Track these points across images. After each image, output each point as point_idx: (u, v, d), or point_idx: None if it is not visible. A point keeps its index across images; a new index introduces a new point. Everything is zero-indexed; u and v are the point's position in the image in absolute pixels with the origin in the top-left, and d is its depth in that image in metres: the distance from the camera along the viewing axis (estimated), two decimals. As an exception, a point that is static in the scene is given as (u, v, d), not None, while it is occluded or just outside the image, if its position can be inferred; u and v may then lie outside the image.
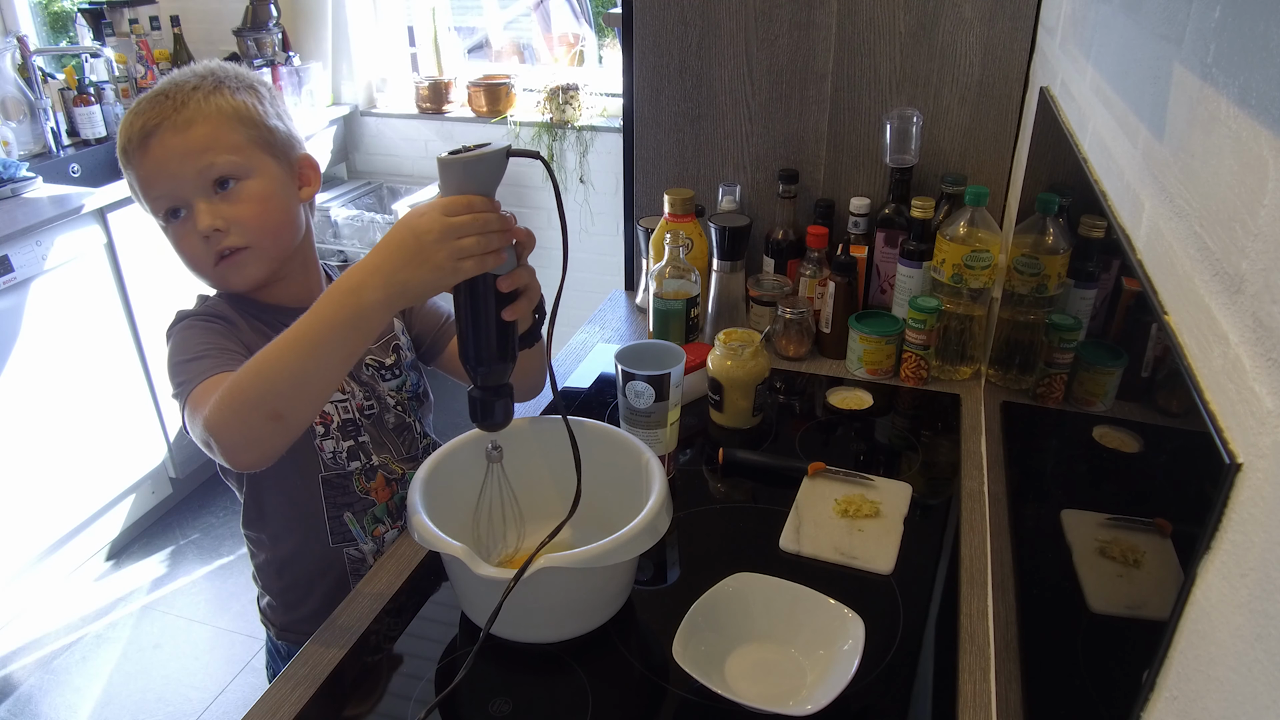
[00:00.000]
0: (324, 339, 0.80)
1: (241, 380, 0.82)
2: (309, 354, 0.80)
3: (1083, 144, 0.88)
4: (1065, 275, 0.90)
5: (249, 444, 0.84)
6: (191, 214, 0.97)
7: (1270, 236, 0.38)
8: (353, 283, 0.79)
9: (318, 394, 0.84)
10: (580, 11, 3.26)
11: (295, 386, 0.81)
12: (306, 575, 1.11)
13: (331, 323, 0.79)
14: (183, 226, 0.97)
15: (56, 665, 2.23)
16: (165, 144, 0.95)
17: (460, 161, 0.75)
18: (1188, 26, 0.55)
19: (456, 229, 0.75)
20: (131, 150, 0.96)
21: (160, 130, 0.94)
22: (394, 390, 1.13)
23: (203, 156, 0.96)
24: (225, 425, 0.83)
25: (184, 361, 0.94)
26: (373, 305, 0.78)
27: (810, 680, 0.88)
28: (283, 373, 0.81)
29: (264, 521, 1.10)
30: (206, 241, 0.97)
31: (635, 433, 1.14)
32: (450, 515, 0.93)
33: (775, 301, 1.51)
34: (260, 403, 0.81)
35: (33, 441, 2.26)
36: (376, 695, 0.90)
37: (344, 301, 0.79)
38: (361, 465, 1.09)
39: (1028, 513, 0.94)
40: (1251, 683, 0.36)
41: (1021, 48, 1.43)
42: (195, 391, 0.90)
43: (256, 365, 0.82)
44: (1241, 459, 0.39)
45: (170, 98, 0.96)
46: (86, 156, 2.76)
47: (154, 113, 0.95)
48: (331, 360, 0.81)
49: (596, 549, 0.84)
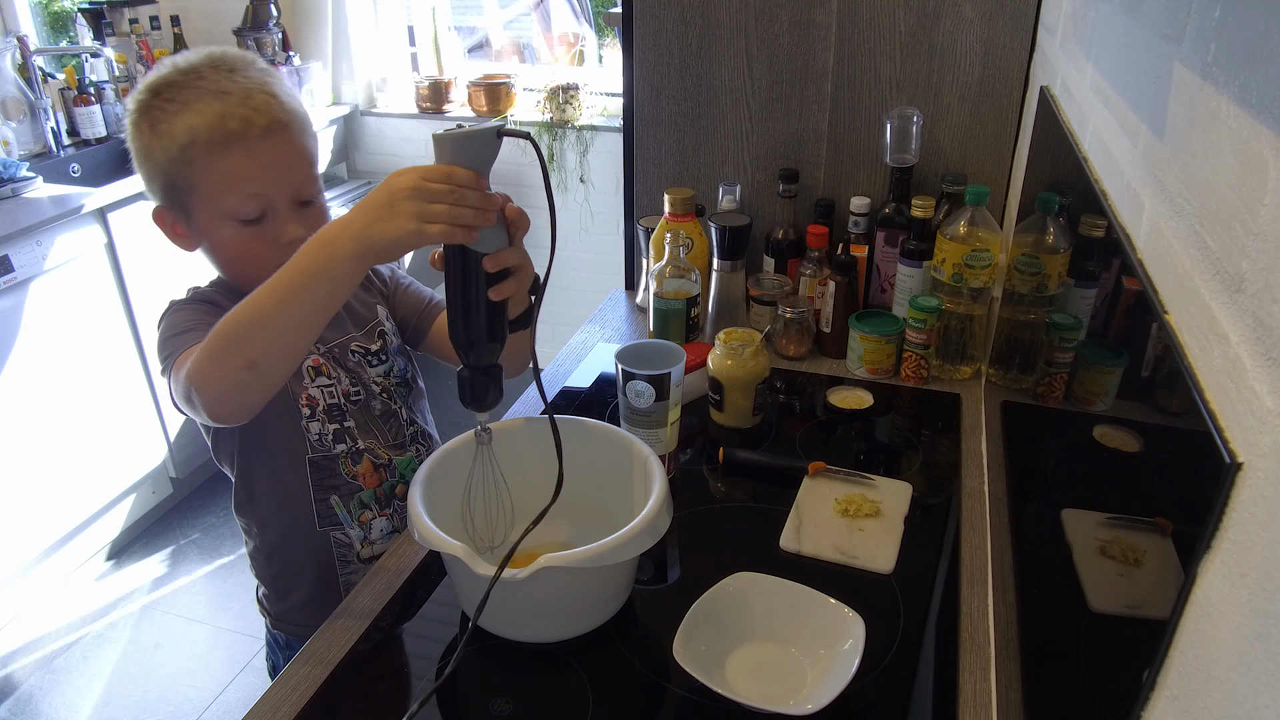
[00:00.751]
0: (298, 287, 0.82)
1: (220, 329, 0.85)
2: (283, 301, 0.82)
3: (1083, 143, 0.88)
4: (1065, 274, 0.90)
5: (226, 393, 0.86)
6: (276, 221, 0.99)
7: (1270, 235, 0.38)
8: (327, 235, 0.81)
9: (293, 344, 0.86)
10: (580, 11, 3.26)
11: (270, 335, 0.83)
12: (295, 561, 1.12)
13: (306, 271, 0.81)
14: (257, 229, 0.99)
15: (57, 665, 2.23)
16: (275, 143, 0.97)
17: (450, 137, 0.77)
18: (1188, 25, 0.55)
19: (430, 191, 0.76)
20: (225, 138, 0.95)
21: (270, 129, 0.96)
22: (381, 376, 1.14)
23: (303, 165, 1.00)
24: (205, 374, 0.85)
25: (171, 337, 0.98)
26: (344, 256, 0.80)
27: (811, 680, 0.88)
28: (258, 320, 0.83)
29: (253, 505, 1.12)
30: (282, 248, 0.98)
31: (636, 432, 1.14)
32: (450, 515, 0.93)
33: (775, 301, 1.51)
34: (236, 350, 0.84)
35: (33, 441, 2.26)
36: (377, 695, 0.90)
37: (317, 253, 0.81)
38: (347, 448, 1.10)
39: (1028, 512, 0.94)
40: (1252, 682, 0.36)
41: (1022, 47, 1.43)
42: (180, 359, 0.92)
43: (234, 314, 0.84)
44: (1242, 458, 0.39)
45: (275, 98, 0.97)
46: (87, 156, 2.76)
47: (258, 110, 0.96)
48: (305, 310, 0.83)
49: (596, 548, 0.84)
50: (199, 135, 0.95)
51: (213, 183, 0.97)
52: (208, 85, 0.96)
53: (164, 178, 0.98)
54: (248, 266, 1.01)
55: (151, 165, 0.98)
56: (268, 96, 0.97)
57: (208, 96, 0.95)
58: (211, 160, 0.96)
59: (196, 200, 0.99)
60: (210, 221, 1.00)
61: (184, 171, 0.97)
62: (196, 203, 0.99)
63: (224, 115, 0.94)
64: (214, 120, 0.95)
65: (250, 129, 0.95)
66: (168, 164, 0.97)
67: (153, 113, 0.96)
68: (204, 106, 0.95)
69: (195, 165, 0.96)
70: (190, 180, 0.97)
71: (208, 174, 0.97)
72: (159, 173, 0.98)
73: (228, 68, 0.98)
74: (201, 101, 0.95)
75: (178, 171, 0.97)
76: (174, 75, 0.97)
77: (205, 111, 0.95)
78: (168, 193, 1.00)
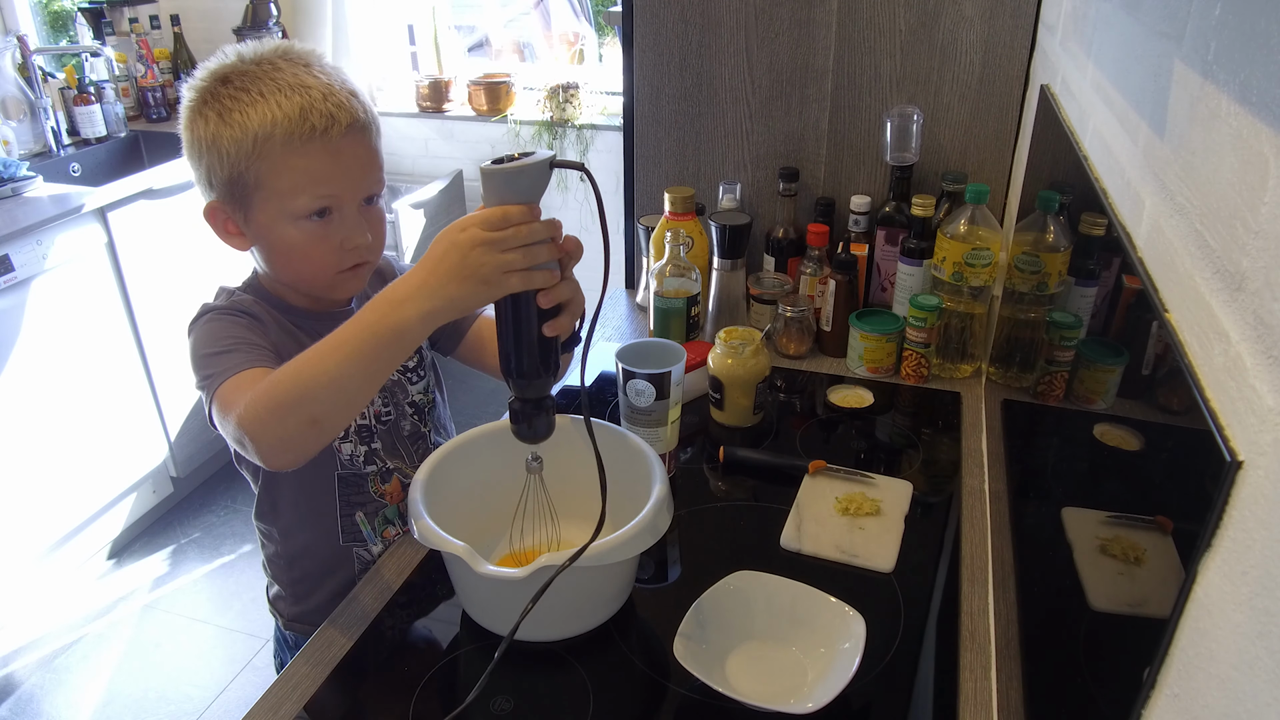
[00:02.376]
0: (367, 348, 0.79)
1: (281, 383, 0.81)
2: (350, 361, 0.80)
3: (1083, 141, 0.88)
4: (1066, 273, 0.90)
5: (285, 446, 0.83)
6: (341, 219, 0.95)
7: (1271, 234, 0.38)
8: (399, 294, 0.78)
9: (356, 401, 0.84)
10: (580, 10, 3.26)
11: (335, 393, 0.81)
12: (316, 571, 1.11)
13: (376, 331, 0.79)
14: (324, 228, 0.95)
15: (58, 664, 2.23)
16: (355, 143, 0.94)
17: (502, 172, 0.74)
18: (1188, 24, 0.55)
19: (499, 242, 0.74)
20: (306, 134, 0.90)
21: (352, 128, 0.93)
22: (420, 393, 1.13)
23: (376, 169, 0.97)
24: (262, 427, 0.82)
25: (212, 354, 0.92)
26: (417, 317, 0.78)
27: (811, 678, 0.88)
28: (322, 378, 0.80)
29: (276, 515, 1.10)
30: (346, 252, 0.96)
31: (636, 431, 1.14)
32: (452, 514, 0.93)
33: (776, 300, 1.51)
34: (298, 407, 0.81)
35: (34, 441, 2.26)
36: (378, 694, 0.90)
37: (388, 312, 0.78)
38: (377, 469, 1.09)
39: (1029, 510, 0.94)
40: (1253, 679, 0.36)
41: (1022, 45, 1.43)
42: (224, 387, 0.88)
43: (296, 369, 0.81)
44: (1242, 456, 0.39)
45: (355, 96, 0.94)
46: (87, 156, 2.76)
47: (341, 107, 0.92)
48: (372, 369, 0.81)
49: (597, 547, 0.84)
50: (278, 129, 0.90)
51: (285, 180, 0.92)
52: (285, 78, 0.91)
53: (229, 169, 0.93)
54: (305, 267, 0.98)
55: (215, 156, 0.92)
56: (349, 93, 0.94)
57: (287, 89, 0.90)
58: (289, 156, 0.91)
59: (261, 196, 0.93)
60: (272, 219, 0.95)
61: (254, 165, 0.91)
62: (261, 199, 0.94)
63: (306, 110, 0.90)
64: (296, 114, 0.90)
65: (333, 126, 0.91)
66: (237, 156, 0.91)
67: (222, 101, 0.91)
68: (283, 99, 0.90)
69: (268, 160, 0.91)
70: (260, 175, 0.92)
71: (281, 170, 0.92)
72: (224, 164, 0.92)
73: (302, 61, 0.94)
74: (280, 94, 0.90)
75: (247, 165, 0.91)
76: (244, 64, 0.92)
77: (285, 104, 0.90)
78: (229, 186, 0.94)
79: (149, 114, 3.00)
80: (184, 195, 2.55)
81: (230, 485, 2.85)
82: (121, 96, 2.91)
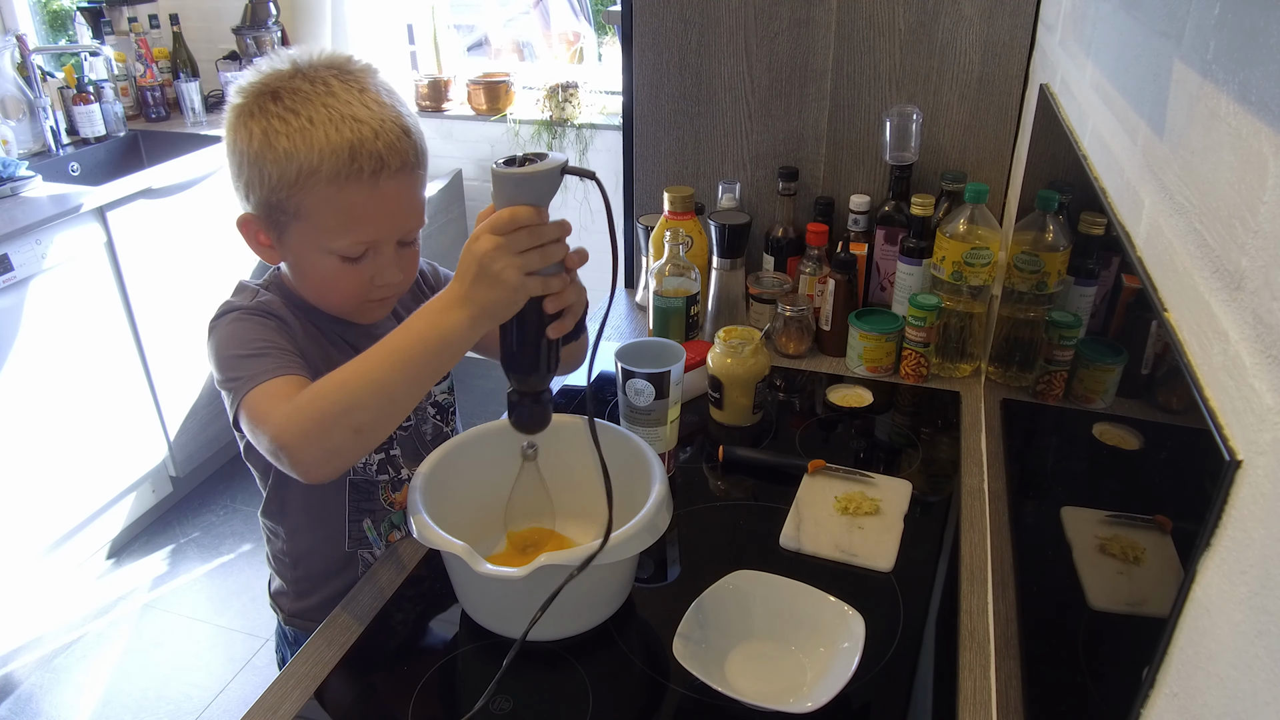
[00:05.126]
0: (416, 355, 0.80)
1: (325, 394, 0.81)
2: (399, 369, 0.80)
3: (1082, 141, 0.88)
4: (1065, 272, 0.90)
5: (329, 458, 0.83)
6: (378, 261, 0.94)
7: (1270, 233, 0.38)
8: (443, 303, 0.79)
9: (401, 410, 0.84)
10: (579, 9, 3.26)
11: (382, 401, 0.81)
12: (320, 571, 1.11)
13: (424, 339, 0.79)
14: (355, 266, 0.93)
15: (57, 664, 2.23)
16: (401, 187, 0.90)
17: (513, 177, 0.75)
18: (1187, 23, 0.55)
19: (512, 244, 0.75)
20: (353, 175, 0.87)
21: (401, 171, 0.89)
22: (444, 392, 1.14)
23: (418, 211, 0.95)
24: (306, 440, 0.81)
25: (240, 356, 0.90)
26: (461, 324, 0.78)
27: (810, 678, 0.88)
28: (371, 387, 0.80)
29: (283, 515, 1.09)
30: (375, 288, 0.96)
31: (635, 430, 1.14)
32: (452, 513, 0.93)
33: (775, 299, 1.51)
34: (345, 416, 0.81)
35: (33, 440, 2.25)
36: (378, 694, 0.90)
37: (435, 320, 0.79)
38: (390, 478, 1.09)
39: (1028, 510, 0.94)
40: (1252, 679, 0.36)
41: (1021, 45, 1.43)
42: (255, 394, 0.87)
43: (342, 379, 0.81)
44: (1241, 456, 0.39)
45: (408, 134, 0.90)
46: (86, 155, 2.76)
47: (392, 148, 0.88)
48: (419, 377, 0.81)
49: (594, 547, 0.84)
50: (324, 165, 0.86)
51: (326, 217, 0.89)
52: (337, 104, 0.87)
53: (268, 194, 0.89)
54: (333, 297, 0.97)
55: (256, 174, 0.89)
56: (401, 131, 0.89)
57: (338, 120, 0.86)
58: (331, 194, 0.87)
59: (299, 225, 0.91)
60: (306, 249, 0.93)
61: (294, 197, 0.88)
62: (298, 228, 0.91)
63: (356, 149, 0.86)
64: (345, 152, 0.86)
65: (383, 170, 0.88)
66: (279, 183, 0.88)
67: (270, 120, 0.87)
68: (333, 132, 0.86)
69: (310, 194, 0.88)
70: (299, 207, 0.89)
71: (322, 207, 0.89)
72: (264, 186, 0.89)
73: (358, 86, 0.89)
74: (331, 125, 0.86)
75: (288, 195, 0.88)
76: (297, 81, 0.88)
77: (334, 138, 0.86)
78: (267, 209, 0.91)
79: (148, 113, 3.00)
80: (183, 195, 2.55)
81: (230, 485, 2.85)
82: (121, 96, 2.91)
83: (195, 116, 2.98)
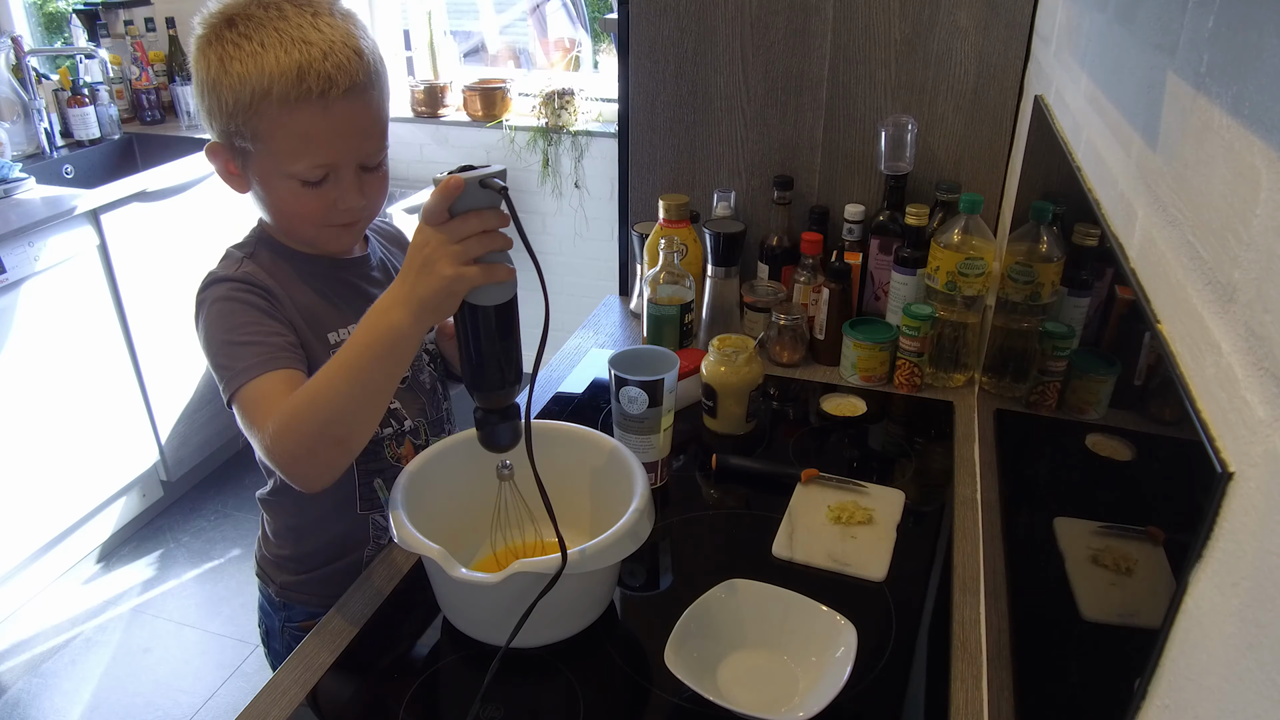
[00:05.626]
0: (368, 364, 0.82)
1: (300, 413, 0.84)
2: (357, 380, 0.83)
3: (1076, 152, 0.89)
4: (1059, 283, 0.90)
5: (319, 470, 0.88)
6: (338, 185, 0.94)
7: (1263, 246, 0.38)
8: (383, 305, 0.81)
9: (373, 413, 0.87)
10: (576, 16, 3.27)
11: (352, 409, 0.84)
12: (327, 541, 1.11)
13: (371, 346, 0.82)
14: (317, 191, 0.94)
15: (45, 669, 2.21)
16: (353, 108, 0.91)
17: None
18: (1181, 36, 0.55)
19: (448, 233, 0.76)
20: (302, 96, 0.87)
21: (351, 92, 0.89)
22: (430, 342, 1.15)
23: (375, 135, 0.95)
24: (293, 458, 0.86)
25: (230, 343, 0.92)
26: (402, 323, 0.80)
27: (802, 687, 0.88)
28: (337, 399, 0.83)
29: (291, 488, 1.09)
30: (338, 212, 0.96)
31: (628, 438, 1.14)
32: (433, 516, 0.93)
33: (769, 308, 1.51)
34: (323, 432, 0.85)
35: (23, 443, 2.24)
36: (364, 701, 0.89)
37: (377, 324, 0.81)
38: (393, 431, 1.10)
39: (1021, 520, 0.94)
40: (1243, 691, 0.36)
41: (1016, 56, 1.44)
42: (247, 392, 0.90)
43: (310, 397, 0.84)
44: (1233, 467, 0.39)
45: (360, 55, 0.90)
46: (80, 158, 2.75)
47: (341, 68, 0.88)
48: (378, 381, 0.84)
49: (575, 554, 0.83)
50: (273, 86, 0.87)
51: (279, 142, 0.91)
52: (289, 29, 0.88)
53: (226, 120, 0.91)
54: (298, 224, 0.98)
55: (215, 101, 0.91)
56: (352, 52, 0.90)
57: (288, 43, 0.87)
58: (282, 116, 0.89)
59: (259, 150, 0.92)
60: (268, 174, 0.94)
61: (250, 121, 0.90)
62: (258, 152, 0.93)
63: (303, 69, 0.87)
64: (292, 73, 0.87)
65: (331, 89, 0.88)
66: (235, 108, 0.90)
67: (225, 46, 0.89)
68: (283, 54, 0.87)
69: (263, 119, 0.89)
70: (255, 131, 0.91)
71: (276, 130, 0.90)
72: (223, 113, 0.91)
73: (311, 10, 0.90)
74: (280, 48, 0.87)
75: (244, 120, 0.90)
76: (252, 8, 0.89)
77: (284, 60, 0.87)
78: (227, 136, 0.93)
79: (143, 116, 3.00)
80: (177, 199, 2.54)
81: (220, 490, 2.84)
82: (115, 99, 2.90)
83: (190, 120, 2.97)
